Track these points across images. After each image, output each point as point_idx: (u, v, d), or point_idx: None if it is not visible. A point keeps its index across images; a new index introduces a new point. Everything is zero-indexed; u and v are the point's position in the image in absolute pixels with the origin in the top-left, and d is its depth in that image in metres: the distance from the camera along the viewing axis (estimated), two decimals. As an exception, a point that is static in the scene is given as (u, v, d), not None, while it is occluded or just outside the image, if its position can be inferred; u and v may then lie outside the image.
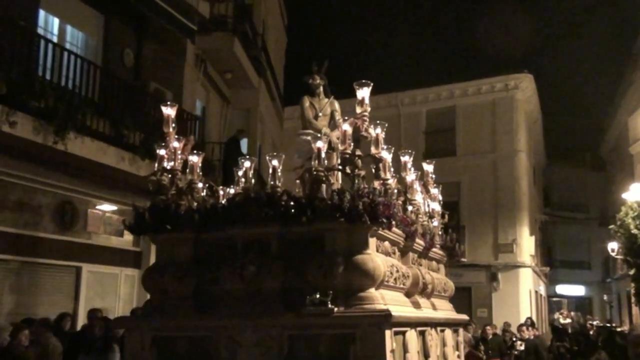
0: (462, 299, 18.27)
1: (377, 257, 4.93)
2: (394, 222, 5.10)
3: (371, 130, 5.33)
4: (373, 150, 5.27)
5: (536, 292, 25.81)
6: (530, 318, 18.74)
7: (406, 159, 6.27)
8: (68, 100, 9.36)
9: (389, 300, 4.86)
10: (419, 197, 6.51)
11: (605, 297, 35.94)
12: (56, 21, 10.93)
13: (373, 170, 5.46)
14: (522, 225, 22.85)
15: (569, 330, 19.56)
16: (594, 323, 21.32)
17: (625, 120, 26.14)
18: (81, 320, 10.35)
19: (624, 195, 15.42)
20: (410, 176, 6.32)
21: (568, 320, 22.80)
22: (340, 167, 5.24)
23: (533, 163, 27.60)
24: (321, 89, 7.19)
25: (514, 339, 15.14)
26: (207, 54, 14.92)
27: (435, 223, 6.95)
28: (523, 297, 22.33)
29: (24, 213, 10.00)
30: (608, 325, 20.93)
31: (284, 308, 4.85)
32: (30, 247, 10.01)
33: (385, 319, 4.56)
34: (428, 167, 7.23)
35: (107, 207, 11.72)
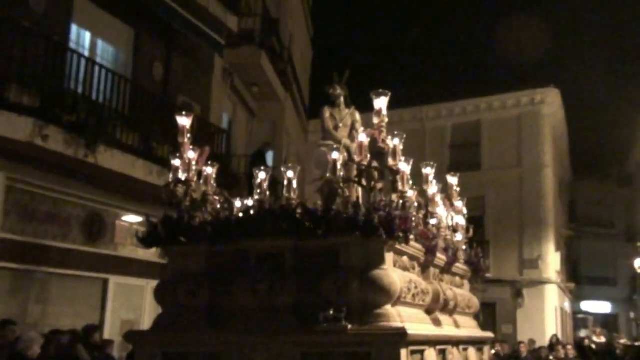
0: (486, 314, 18.09)
1: (393, 272, 4.81)
2: (411, 236, 4.94)
3: (389, 142, 5.15)
4: (391, 162, 5.09)
5: (561, 308, 25.37)
6: (555, 335, 18.42)
7: (428, 171, 6.10)
8: (99, 113, 9.51)
9: (406, 318, 4.73)
10: (441, 211, 6.31)
11: (632, 315, 35.10)
12: (88, 35, 11.09)
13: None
14: (547, 241, 22.52)
15: (595, 349, 19.08)
16: (621, 342, 20.77)
17: (653, 135, 25.74)
18: (108, 333, 10.43)
19: (651, 212, 15.14)
20: (432, 189, 6.13)
21: (602, 339, 21.97)
22: (356, 179, 5.09)
23: (559, 178, 27.22)
24: (342, 99, 7.05)
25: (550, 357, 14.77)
26: (235, 68, 15.05)
27: (459, 237, 6.70)
28: (548, 314, 21.98)
29: (53, 225, 10.04)
30: (636, 344, 20.37)
31: (297, 324, 4.72)
32: (58, 259, 10.01)
33: (400, 338, 4.44)
34: (452, 180, 7.01)
35: (134, 219, 11.77)
